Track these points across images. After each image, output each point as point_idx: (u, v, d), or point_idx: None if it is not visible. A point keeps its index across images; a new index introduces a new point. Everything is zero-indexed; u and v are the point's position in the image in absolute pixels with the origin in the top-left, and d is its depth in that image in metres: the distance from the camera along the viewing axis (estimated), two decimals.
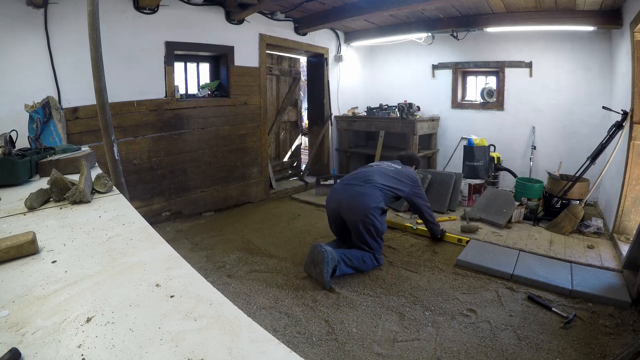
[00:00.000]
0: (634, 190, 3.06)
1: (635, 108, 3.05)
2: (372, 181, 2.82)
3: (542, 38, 4.49)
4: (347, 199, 2.76)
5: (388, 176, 2.93)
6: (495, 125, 5.01)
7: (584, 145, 4.27)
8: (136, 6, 3.30)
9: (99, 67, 1.70)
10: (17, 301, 0.63)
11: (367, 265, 2.71)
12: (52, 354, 0.50)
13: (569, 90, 4.47)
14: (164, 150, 3.68)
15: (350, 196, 2.76)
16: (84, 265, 0.76)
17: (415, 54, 5.55)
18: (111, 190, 1.27)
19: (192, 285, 0.69)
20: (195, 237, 3.46)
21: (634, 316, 2.17)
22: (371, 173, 2.92)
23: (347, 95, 5.78)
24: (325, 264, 2.45)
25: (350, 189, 2.82)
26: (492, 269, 2.71)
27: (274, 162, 5.27)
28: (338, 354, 1.89)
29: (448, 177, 4.10)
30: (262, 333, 0.55)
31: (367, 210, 2.68)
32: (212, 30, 3.90)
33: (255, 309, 2.28)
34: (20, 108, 2.39)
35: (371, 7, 4.00)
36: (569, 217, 3.36)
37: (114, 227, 0.96)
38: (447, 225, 3.59)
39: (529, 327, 2.10)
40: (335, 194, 2.90)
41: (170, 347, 0.51)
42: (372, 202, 2.71)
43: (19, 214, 1.05)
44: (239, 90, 4.25)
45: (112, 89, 1.99)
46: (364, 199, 2.71)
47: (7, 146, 1.37)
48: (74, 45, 2.90)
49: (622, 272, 2.61)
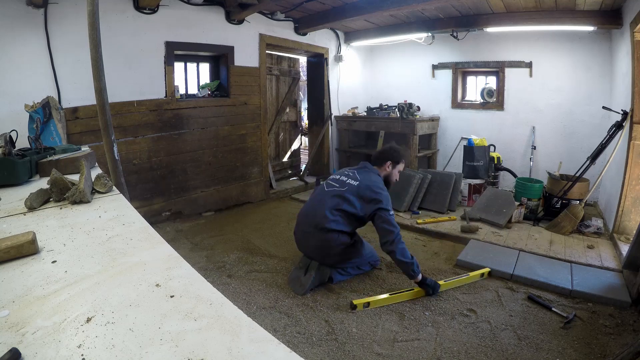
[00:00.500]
0: (634, 190, 3.06)
1: (635, 108, 3.05)
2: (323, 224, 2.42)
3: (542, 38, 4.49)
4: (314, 253, 2.52)
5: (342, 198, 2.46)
6: (495, 125, 5.01)
7: (584, 145, 4.26)
8: (136, 6, 3.30)
9: (99, 67, 1.70)
10: (17, 301, 0.63)
11: (363, 271, 2.70)
12: (52, 354, 0.50)
13: (569, 90, 4.47)
14: (164, 150, 3.68)
15: (315, 250, 2.51)
16: (84, 265, 0.76)
17: (415, 54, 5.55)
18: (111, 190, 1.27)
19: (192, 285, 0.69)
20: (195, 237, 3.46)
21: (634, 316, 2.17)
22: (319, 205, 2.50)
23: (347, 95, 5.78)
24: (317, 274, 2.45)
25: (310, 239, 2.52)
26: (492, 269, 2.71)
27: (274, 162, 5.27)
28: (338, 354, 1.89)
29: (448, 177, 4.10)
30: (262, 333, 0.55)
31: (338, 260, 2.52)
32: (212, 30, 3.90)
33: (255, 309, 2.28)
34: (20, 108, 2.39)
35: (371, 7, 4.00)
36: (569, 217, 3.36)
37: (114, 227, 0.96)
38: (447, 225, 3.59)
39: (529, 327, 2.10)
40: (302, 243, 2.63)
41: (170, 347, 0.51)
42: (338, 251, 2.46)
43: (19, 214, 1.05)
44: (239, 90, 4.25)
45: (112, 89, 1.99)
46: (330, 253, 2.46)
47: (7, 146, 1.37)
48: (74, 45, 2.90)
49: (622, 272, 2.61)
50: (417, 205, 4.04)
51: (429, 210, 4.02)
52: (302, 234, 2.59)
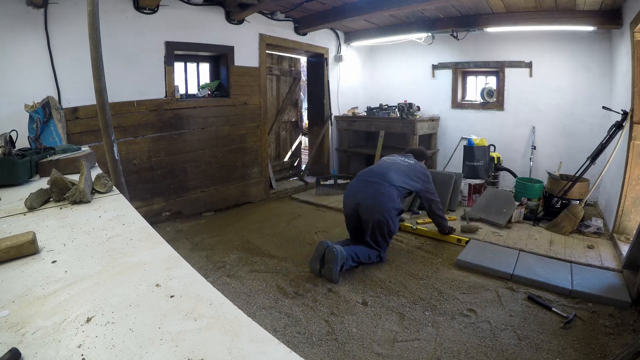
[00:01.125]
0: (634, 190, 3.06)
1: (635, 108, 3.05)
2: (389, 179, 2.81)
3: (542, 38, 4.49)
4: (365, 198, 2.77)
5: (403, 173, 2.93)
6: (495, 125, 5.01)
7: (584, 145, 4.26)
8: (136, 6, 3.30)
9: (99, 67, 1.70)
10: (17, 301, 0.63)
11: (370, 261, 2.80)
12: (52, 354, 0.50)
13: (569, 90, 4.47)
14: (164, 150, 3.68)
15: (369, 196, 2.77)
16: (84, 265, 0.76)
17: (415, 54, 5.55)
18: (111, 190, 1.27)
19: (192, 285, 0.69)
20: (195, 237, 3.46)
21: (634, 316, 2.17)
22: (387, 170, 2.91)
23: (347, 95, 5.78)
24: (336, 263, 2.54)
25: (368, 187, 2.81)
26: (492, 269, 2.71)
27: (274, 162, 5.27)
28: (338, 354, 1.89)
29: (448, 177, 4.10)
30: (262, 333, 0.55)
31: (385, 212, 2.72)
32: (212, 30, 3.90)
33: (255, 309, 2.28)
34: (20, 108, 2.39)
35: (371, 7, 4.00)
36: (569, 217, 3.36)
37: (114, 227, 0.96)
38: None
39: (529, 327, 2.10)
40: (354, 191, 2.88)
41: (170, 347, 0.51)
42: (390, 203, 2.74)
43: (19, 214, 1.05)
44: (239, 90, 4.25)
45: (112, 89, 1.99)
46: (383, 200, 2.73)
47: (7, 146, 1.37)
48: (74, 45, 2.90)
49: (622, 272, 2.61)
50: (417, 205, 4.04)
51: None
52: (361, 182, 2.87)
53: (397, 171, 2.92)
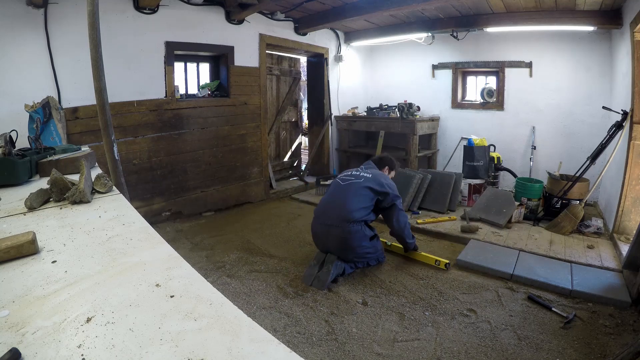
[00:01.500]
0: (634, 190, 3.06)
1: (635, 108, 3.05)
2: (348, 217, 2.55)
3: (542, 38, 4.48)
4: (333, 246, 2.60)
5: (361, 194, 2.63)
6: (495, 125, 5.01)
7: (584, 145, 4.26)
8: (136, 6, 3.30)
9: (99, 67, 1.70)
10: (17, 301, 0.63)
11: (369, 265, 2.80)
12: (52, 354, 0.50)
13: (569, 90, 4.47)
14: (164, 150, 3.68)
15: (334, 244, 2.59)
16: (84, 265, 0.76)
17: (415, 54, 5.55)
18: (111, 190, 1.27)
19: (192, 285, 0.69)
20: (195, 237, 3.46)
21: (634, 316, 2.17)
22: (344, 201, 2.61)
23: (347, 95, 5.78)
24: (335, 267, 2.53)
25: (332, 232, 2.58)
26: (492, 269, 2.71)
27: (274, 162, 5.27)
28: (338, 354, 1.89)
29: (448, 177, 4.10)
30: (262, 333, 0.55)
31: (358, 248, 2.59)
32: (212, 30, 3.90)
33: (255, 309, 2.28)
34: (20, 108, 2.39)
35: (371, 7, 4.00)
36: (569, 217, 3.36)
37: (114, 227, 0.96)
38: (447, 226, 3.59)
39: (529, 327, 2.10)
40: (319, 236, 2.70)
41: (170, 347, 0.51)
42: (358, 241, 2.57)
43: (19, 214, 1.05)
44: (239, 90, 4.25)
45: (112, 89, 1.99)
46: (351, 244, 2.56)
47: (7, 146, 1.37)
48: (74, 45, 2.90)
49: (622, 272, 2.61)
50: (417, 205, 4.04)
51: (429, 210, 4.02)
52: (323, 227, 2.65)
53: (355, 195, 2.62)
